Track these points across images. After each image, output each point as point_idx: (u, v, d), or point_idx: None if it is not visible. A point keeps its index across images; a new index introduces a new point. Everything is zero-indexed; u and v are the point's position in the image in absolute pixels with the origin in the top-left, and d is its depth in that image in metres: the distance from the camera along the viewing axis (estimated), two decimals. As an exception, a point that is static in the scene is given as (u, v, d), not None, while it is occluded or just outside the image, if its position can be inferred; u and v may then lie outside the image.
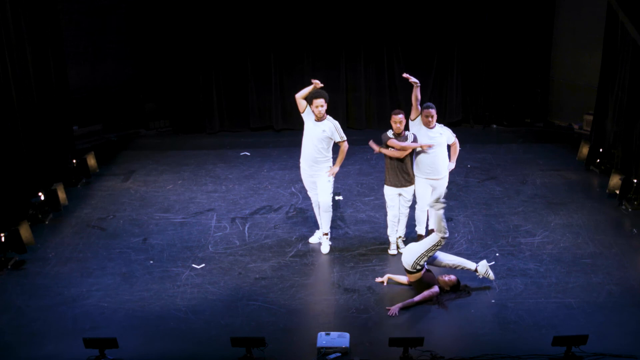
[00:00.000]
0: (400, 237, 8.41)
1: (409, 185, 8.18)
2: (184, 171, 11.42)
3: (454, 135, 8.35)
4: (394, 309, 7.08)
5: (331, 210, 8.36)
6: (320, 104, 8.02)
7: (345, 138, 8.26)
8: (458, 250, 8.29)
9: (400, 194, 8.23)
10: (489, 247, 8.41)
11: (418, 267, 7.24)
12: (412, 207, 8.43)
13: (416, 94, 8.14)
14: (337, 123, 8.23)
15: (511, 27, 13.23)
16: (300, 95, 8.17)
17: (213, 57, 13.26)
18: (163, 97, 13.63)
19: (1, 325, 6.96)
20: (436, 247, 7.24)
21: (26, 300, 7.43)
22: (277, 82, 13.43)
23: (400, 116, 8.03)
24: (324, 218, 8.36)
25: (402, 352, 6.23)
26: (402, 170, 8.08)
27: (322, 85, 8.12)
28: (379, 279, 7.75)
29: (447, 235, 7.20)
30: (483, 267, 7.56)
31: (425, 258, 7.25)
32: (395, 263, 8.12)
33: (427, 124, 8.06)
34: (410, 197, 8.29)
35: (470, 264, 7.58)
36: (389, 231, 8.39)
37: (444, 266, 7.55)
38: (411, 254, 7.30)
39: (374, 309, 7.18)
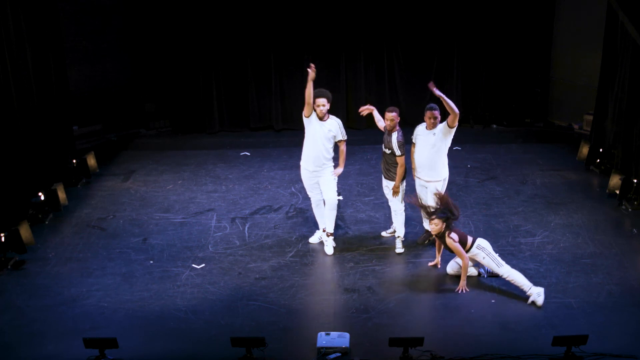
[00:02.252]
0: (399, 236, 8.40)
1: (391, 181, 8.22)
2: (184, 171, 11.42)
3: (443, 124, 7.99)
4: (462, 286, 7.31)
5: (336, 209, 8.36)
6: (322, 103, 8.03)
7: (346, 138, 8.30)
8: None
9: (386, 186, 8.34)
10: (489, 247, 8.40)
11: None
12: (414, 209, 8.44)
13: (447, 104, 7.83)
14: (340, 122, 8.27)
15: (511, 28, 13.22)
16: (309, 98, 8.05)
17: (213, 58, 13.25)
18: (163, 97, 13.62)
19: (1, 325, 6.96)
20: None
21: (26, 300, 7.43)
22: (277, 82, 13.42)
23: (393, 114, 8.10)
24: (329, 217, 8.35)
25: (402, 352, 6.23)
26: (387, 163, 8.21)
27: (313, 70, 7.98)
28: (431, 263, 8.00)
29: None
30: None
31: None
32: (394, 261, 8.14)
33: (431, 126, 7.99)
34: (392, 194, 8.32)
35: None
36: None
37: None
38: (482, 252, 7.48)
39: (374, 309, 7.18)
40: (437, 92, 7.87)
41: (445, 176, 8.16)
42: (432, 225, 7.42)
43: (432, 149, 8.00)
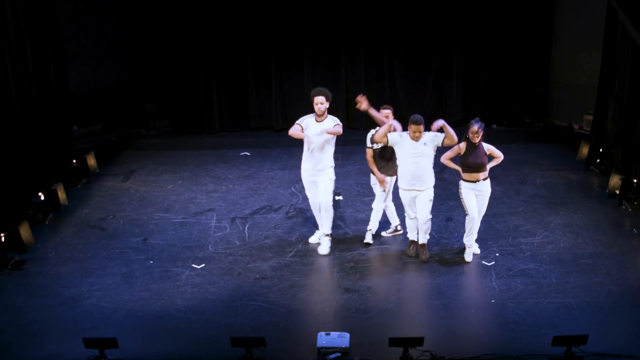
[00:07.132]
0: (370, 229, 8.61)
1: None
2: (184, 171, 11.42)
3: (441, 134, 7.84)
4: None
5: (332, 210, 8.36)
6: (320, 101, 7.97)
7: (339, 123, 8.09)
8: (459, 249, 8.30)
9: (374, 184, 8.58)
10: (489, 247, 8.40)
11: None
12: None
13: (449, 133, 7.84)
14: (336, 119, 8.12)
15: (511, 27, 13.24)
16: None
17: (213, 57, 13.26)
18: (163, 97, 13.64)
19: (1, 325, 6.95)
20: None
21: (26, 300, 7.42)
22: (277, 82, 13.44)
23: (387, 111, 8.32)
24: (325, 218, 8.34)
25: (402, 352, 6.23)
26: (382, 159, 8.39)
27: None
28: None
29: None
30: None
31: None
32: (394, 261, 8.13)
33: (416, 139, 7.80)
34: (376, 191, 8.53)
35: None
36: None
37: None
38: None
39: (374, 308, 7.18)
40: (440, 124, 7.73)
41: (430, 184, 8.00)
42: (476, 136, 7.93)
43: (426, 159, 7.84)
